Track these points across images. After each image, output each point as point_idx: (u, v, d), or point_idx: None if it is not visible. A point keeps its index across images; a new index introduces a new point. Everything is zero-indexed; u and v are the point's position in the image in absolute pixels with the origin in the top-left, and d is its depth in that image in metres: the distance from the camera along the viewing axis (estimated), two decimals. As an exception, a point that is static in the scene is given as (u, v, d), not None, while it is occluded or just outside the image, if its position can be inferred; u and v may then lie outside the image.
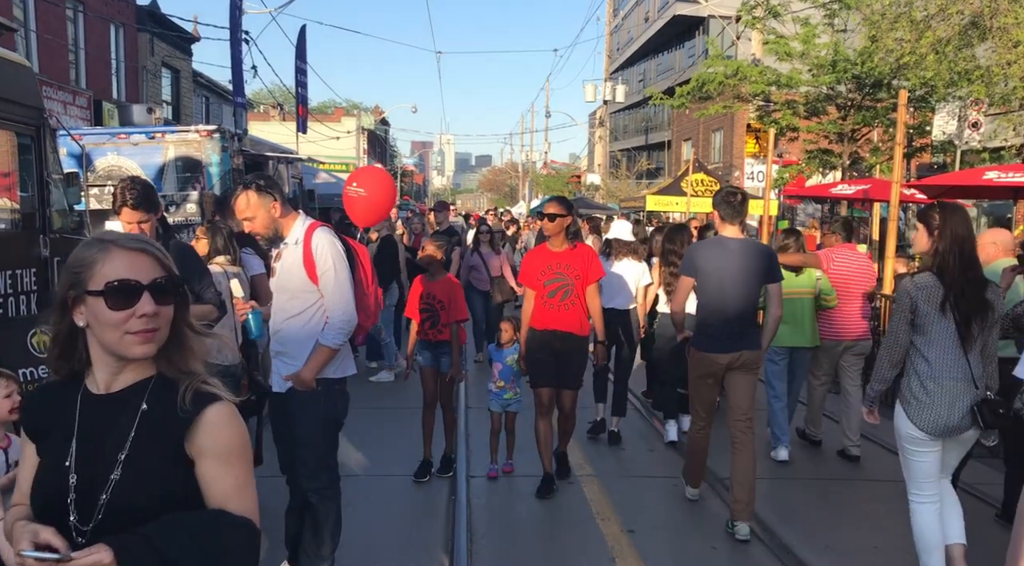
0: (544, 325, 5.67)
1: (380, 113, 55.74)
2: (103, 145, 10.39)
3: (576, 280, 5.63)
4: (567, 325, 5.66)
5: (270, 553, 4.49)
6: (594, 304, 5.72)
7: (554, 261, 5.67)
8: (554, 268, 5.65)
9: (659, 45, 42.17)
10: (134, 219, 4.05)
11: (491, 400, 6.16)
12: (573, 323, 5.67)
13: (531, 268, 5.75)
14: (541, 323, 5.69)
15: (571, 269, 5.63)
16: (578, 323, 5.69)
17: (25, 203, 5.68)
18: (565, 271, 5.63)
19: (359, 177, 4.48)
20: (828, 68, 16.88)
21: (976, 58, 12.97)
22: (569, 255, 5.68)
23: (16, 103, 5.24)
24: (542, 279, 5.66)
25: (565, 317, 5.65)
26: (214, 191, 10.10)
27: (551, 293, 5.64)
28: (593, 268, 5.70)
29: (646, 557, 4.76)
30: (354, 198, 5.95)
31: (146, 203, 4.09)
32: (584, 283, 5.65)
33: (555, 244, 5.71)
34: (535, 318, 5.71)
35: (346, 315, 3.89)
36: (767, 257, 5.18)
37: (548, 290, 5.64)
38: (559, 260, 5.66)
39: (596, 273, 5.71)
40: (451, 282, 6.26)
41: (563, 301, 5.63)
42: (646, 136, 45.37)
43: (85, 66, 18.42)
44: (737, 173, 28.84)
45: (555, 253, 5.70)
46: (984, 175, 10.45)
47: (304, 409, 3.93)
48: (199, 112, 26.58)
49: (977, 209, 22.41)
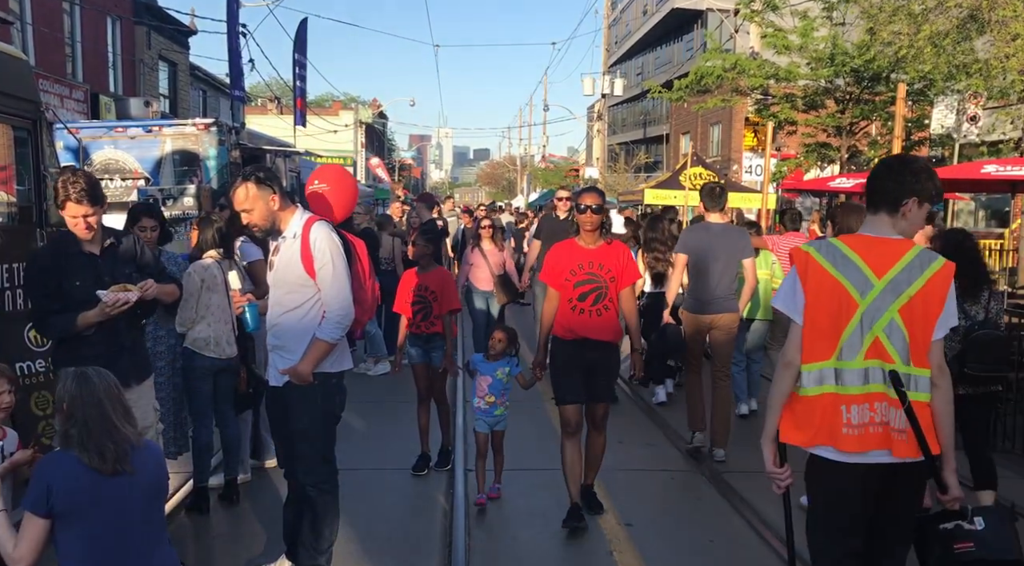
0: (574, 333, 4.99)
1: (378, 106, 55.60)
2: (100, 138, 10.36)
3: (611, 282, 4.98)
4: (601, 332, 5.00)
5: (268, 546, 4.50)
6: (630, 308, 5.11)
7: (586, 259, 4.99)
8: (586, 268, 4.97)
9: (657, 38, 42.14)
10: (79, 213, 3.88)
11: (477, 419, 5.50)
12: (607, 330, 5.03)
13: (557, 266, 5.03)
14: (569, 330, 5.00)
15: (605, 269, 4.98)
16: (612, 330, 5.07)
17: (22, 197, 5.66)
18: (599, 271, 4.97)
19: (320, 175, 4.40)
20: (826, 61, 16.88)
21: (975, 51, 12.95)
22: (604, 253, 5.01)
23: (12, 96, 5.22)
24: (572, 279, 4.98)
25: (598, 324, 4.98)
26: (211, 184, 10.09)
27: (582, 296, 4.96)
28: (630, 269, 5.08)
29: (644, 550, 4.77)
30: (321, 193, 5.40)
31: (91, 196, 3.90)
32: (619, 285, 5.01)
33: (587, 240, 5.04)
34: (561, 324, 5.02)
35: (343, 310, 3.88)
36: (742, 237, 6.40)
37: (578, 292, 4.97)
38: (592, 259, 4.99)
39: (632, 274, 5.10)
40: (443, 273, 6.15)
41: (595, 305, 4.96)
42: (644, 130, 45.35)
43: (82, 59, 18.36)
44: (735, 167, 28.83)
45: (587, 250, 5.02)
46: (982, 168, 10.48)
47: (301, 403, 3.93)
48: (196, 105, 26.52)
49: (975, 203, 22.43)
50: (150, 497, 2.94)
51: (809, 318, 2.87)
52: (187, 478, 5.44)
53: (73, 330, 3.93)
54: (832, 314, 2.84)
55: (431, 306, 5.98)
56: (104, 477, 2.78)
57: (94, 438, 2.80)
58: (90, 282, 3.93)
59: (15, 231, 5.38)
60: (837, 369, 2.84)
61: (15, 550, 2.75)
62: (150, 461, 2.97)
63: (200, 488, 5.20)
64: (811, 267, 2.88)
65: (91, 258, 4.01)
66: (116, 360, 3.86)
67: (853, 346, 2.82)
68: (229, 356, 5.21)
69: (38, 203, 5.49)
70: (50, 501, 2.72)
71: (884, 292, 2.81)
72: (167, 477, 3.13)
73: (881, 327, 2.81)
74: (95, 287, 3.90)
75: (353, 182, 4.72)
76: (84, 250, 4.00)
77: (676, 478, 5.97)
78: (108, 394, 2.90)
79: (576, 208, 5.10)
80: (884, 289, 2.81)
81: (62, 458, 2.81)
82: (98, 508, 2.77)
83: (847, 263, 2.85)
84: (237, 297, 5.19)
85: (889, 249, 2.86)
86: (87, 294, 3.89)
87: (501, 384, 5.44)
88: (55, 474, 2.77)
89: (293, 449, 4.04)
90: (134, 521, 2.85)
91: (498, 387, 5.45)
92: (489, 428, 5.46)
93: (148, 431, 4.23)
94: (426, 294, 5.99)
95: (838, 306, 2.84)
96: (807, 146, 19.19)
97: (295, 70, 22.32)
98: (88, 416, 2.82)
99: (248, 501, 5.40)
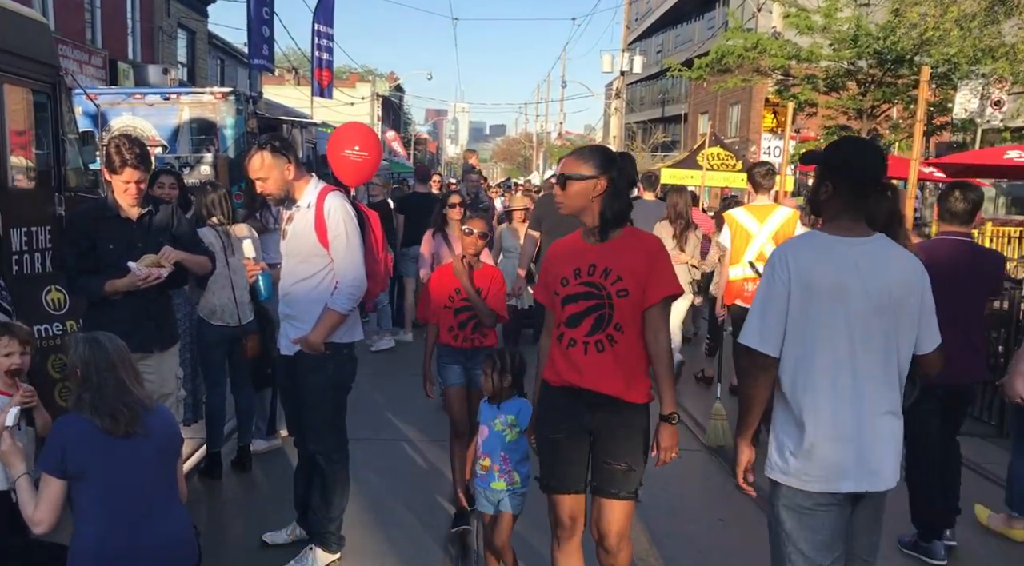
0: (560, 376, 3.21)
1: (395, 79, 55.44)
2: (118, 105, 10.40)
3: (620, 297, 3.09)
4: (601, 380, 3.12)
5: (280, 514, 4.54)
6: (660, 344, 3.14)
7: (585, 261, 3.18)
8: (583, 274, 3.16)
9: (678, 16, 41.68)
10: (133, 178, 3.97)
11: (476, 492, 3.87)
12: (611, 376, 3.12)
13: (549, 273, 3.34)
14: (556, 373, 3.24)
15: (614, 277, 3.11)
16: (623, 378, 3.12)
17: (40, 161, 5.68)
18: (602, 280, 3.13)
19: (359, 140, 4.37)
20: (849, 43, 16.67)
21: (1001, 35, 12.76)
22: (616, 251, 3.16)
23: (32, 60, 5.23)
24: (561, 293, 3.21)
25: (596, 365, 3.13)
26: (228, 153, 10.11)
27: (572, 319, 3.17)
28: (660, 276, 3.12)
29: (654, 532, 4.79)
30: (358, 162, 4.92)
31: (146, 162, 4.02)
32: (637, 302, 3.10)
33: (590, 232, 3.24)
34: (549, 362, 3.30)
35: (356, 280, 3.89)
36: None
37: (567, 313, 3.18)
38: (594, 260, 3.17)
39: (664, 284, 3.13)
40: (493, 271, 4.77)
41: (593, 335, 3.13)
42: (662, 108, 44.97)
43: (101, 25, 18.34)
44: (754, 148, 28.59)
45: (589, 248, 3.22)
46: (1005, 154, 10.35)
47: (313, 373, 3.95)
48: (214, 74, 26.48)
49: (996, 189, 22.18)
50: (163, 459, 2.97)
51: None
52: (201, 443, 5.49)
53: (100, 294, 4.00)
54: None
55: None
56: (116, 439, 2.82)
57: (107, 401, 2.84)
58: (123, 247, 4.02)
59: (33, 195, 5.41)
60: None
61: (34, 513, 2.79)
62: (162, 424, 3.00)
63: (213, 454, 5.25)
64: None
65: (127, 223, 4.09)
66: (142, 326, 4.04)
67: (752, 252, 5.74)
68: (240, 324, 5.20)
69: (56, 168, 5.52)
70: (64, 463, 2.76)
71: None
72: (180, 440, 3.16)
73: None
74: (128, 251, 3.99)
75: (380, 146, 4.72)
76: (121, 215, 4.09)
77: (684, 457, 5.96)
78: (120, 358, 2.95)
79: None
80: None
81: (75, 420, 2.85)
82: (111, 470, 2.81)
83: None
84: (251, 266, 5.20)
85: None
86: (119, 258, 3.98)
87: (501, 440, 3.71)
88: (69, 436, 2.81)
89: (303, 418, 4.07)
90: (147, 482, 2.88)
91: (496, 444, 3.72)
92: (494, 508, 3.76)
93: (169, 397, 4.34)
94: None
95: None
96: (827, 128, 19.01)
97: (314, 40, 22.21)
98: (102, 380, 2.87)
99: (260, 468, 5.45)
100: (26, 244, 4.85)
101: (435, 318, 4.66)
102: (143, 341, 4.05)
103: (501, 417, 3.74)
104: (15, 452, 3.02)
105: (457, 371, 4.66)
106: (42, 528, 2.81)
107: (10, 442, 3.04)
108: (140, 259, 3.98)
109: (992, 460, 6.02)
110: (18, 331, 3.39)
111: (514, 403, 3.77)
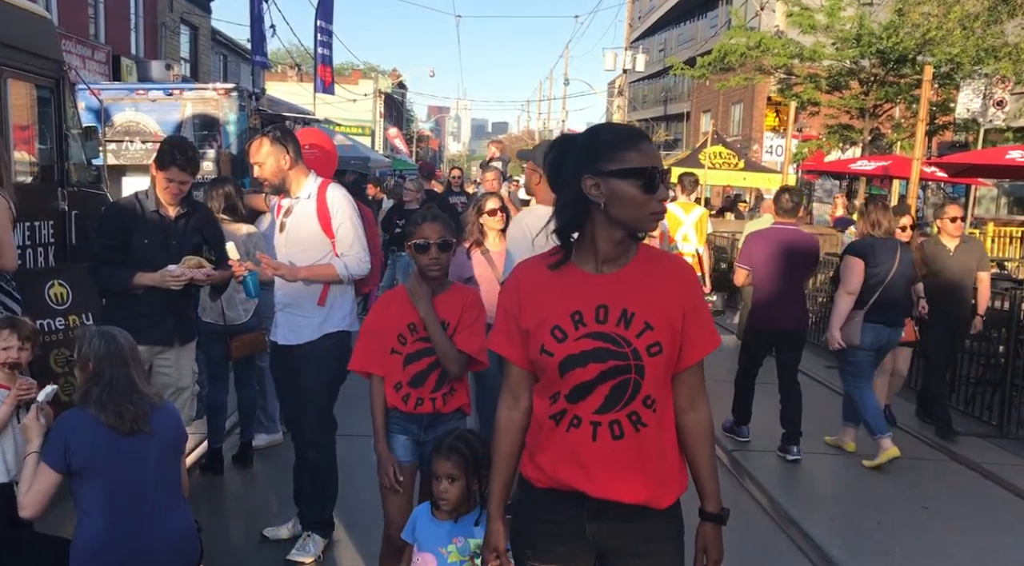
0: (551, 476, 2.13)
1: (397, 76, 55.35)
2: (121, 101, 10.41)
3: (652, 355, 2.05)
4: (620, 484, 2.08)
5: (280, 509, 4.56)
6: (702, 417, 2.19)
7: (588, 300, 2.09)
8: (589, 321, 2.07)
9: (681, 14, 41.63)
10: (178, 178, 4.14)
11: None
12: (636, 477, 2.09)
13: (524, 314, 2.16)
14: (543, 469, 2.15)
15: (637, 324, 2.05)
16: (654, 477, 2.11)
17: (43, 156, 5.70)
18: (620, 331, 2.05)
19: (305, 137, 4.59)
20: (852, 42, 16.66)
21: (1004, 35, 12.75)
22: (628, 283, 2.10)
23: (36, 55, 5.24)
24: (560, 349, 2.07)
25: (614, 459, 2.08)
26: (230, 150, 10.12)
27: (578, 391, 2.07)
28: (701, 318, 2.15)
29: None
30: (319, 157, 4.70)
31: (194, 166, 4.23)
32: (671, 362, 2.11)
33: (606, 250, 2.09)
34: (534, 453, 2.19)
35: (362, 255, 3.95)
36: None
37: (570, 382, 2.07)
38: (602, 297, 2.08)
39: (709, 333, 2.16)
40: (467, 296, 3.29)
41: (606, 413, 2.06)
42: (665, 106, 44.95)
43: (104, 21, 18.35)
44: (756, 147, 28.58)
45: (591, 279, 2.11)
46: (1007, 154, 10.34)
47: (319, 361, 3.97)
48: (217, 71, 26.49)
49: (998, 189, 22.17)
50: (167, 457, 2.98)
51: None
52: (202, 439, 5.51)
53: (125, 286, 4.11)
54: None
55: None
56: (121, 435, 2.82)
57: (116, 398, 2.84)
58: (158, 242, 4.16)
59: (37, 190, 5.42)
60: None
61: (24, 496, 2.82)
62: (167, 421, 3.01)
63: (215, 449, 5.27)
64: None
65: (164, 220, 4.22)
66: (164, 320, 4.18)
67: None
68: (227, 322, 5.19)
69: (60, 162, 5.54)
70: (67, 458, 2.77)
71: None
72: (184, 437, 3.17)
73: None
74: (162, 247, 4.15)
75: (334, 147, 4.89)
76: (161, 211, 4.22)
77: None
78: (132, 354, 2.97)
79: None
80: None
81: (80, 416, 2.85)
82: (115, 466, 2.82)
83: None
84: (235, 267, 5.17)
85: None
86: (150, 253, 4.11)
87: None
88: (72, 432, 2.82)
89: (300, 408, 4.09)
90: (150, 479, 2.89)
91: None
92: None
93: (185, 392, 4.41)
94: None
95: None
96: (829, 127, 19.01)
97: (316, 37, 22.23)
98: (114, 376, 2.87)
99: (261, 463, 5.46)
100: (29, 239, 4.87)
101: (379, 368, 3.23)
102: (164, 335, 4.20)
103: (459, 541, 2.61)
104: (36, 428, 3.03)
105: (404, 443, 3.25)
106: (27, 513, 2.83)
107: (35, 416, 3.06)
108: (183, 261, 4.13)
109: (992, 460, 6.03)
110: (21, 327, 3.39)
111: (471, 520, 2.66)
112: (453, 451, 2.71)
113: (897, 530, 4.81)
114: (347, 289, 4.05)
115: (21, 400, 3.26)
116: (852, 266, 5.72)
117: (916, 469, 5.80)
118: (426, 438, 3.19)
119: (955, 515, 5.07)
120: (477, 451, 2.71)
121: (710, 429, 2.21)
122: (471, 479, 2.68)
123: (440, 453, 2.74)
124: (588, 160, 2.04)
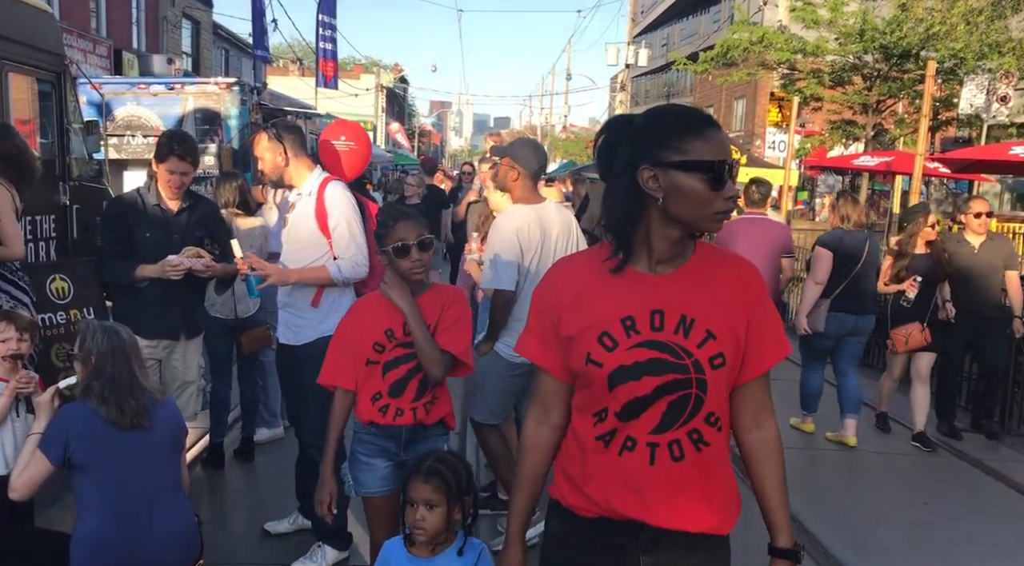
0: (601, 503, 1.85)
1: (399, 71, 55.36)
2: (123, 95, 10.41)
3: (715, 367, 1.80)
4: (684, 511, 1.84)
5: (281, 504, 4.56)
6: (769, 435, 1.96)
7: (641, 303, 1.81)
8: (643, 327, 1.80)
9: (684, 9, 41.54)
10: (179, 169, 4.16)
11: None
12: (699, 504, 1.86)
13: (565, 317, 1.88)
14: (589, 495, 1.87)
15: (698, 331, 1.79)
16: (719, 503, 1.89)
17: (45, 150, 5.70)
18: (679, 339, 1.79)
19: (344, 131, 4.39)
20: (855, 37, 16.61)
21: (1008, 30, 12.71)
22: (686, 285, 1.84)
23: (37, 49, 5.24)
24: (607, 362, 1.80)
25: (675, 483, 1.83)
26: (232, 144, 10.11)
27: (631, 407, 1.80)
28: (770, 323, 1.89)
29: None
30: (345, 151, 4.49)
31: (194, 156, 4.24)
32: (734, 374, 1.86)
33: (661, 249, 1.83)
34: (571, 476, 1.92)
35: (358, 257, 3.86)
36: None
37: (621, 398, 1.80)
38: (657, 301, 1.81)
39: (778, 339, 1.91)
40: (452, 296, 3.01)
41: (665, 433, 1.81)
42: (668, 101, 44.88)
43: (106, 15, 18.33)
44: (759, 142, 28.54)
45: (643, 279, 1.83)
46: (1010, 150, 10.32)
47: (316, 364, 3.93)
48: (219, 65, 26.47)
49: (1001, 185, 22.13)
50: (167, 452, 2.97)
51: None
52: (204, 433, 5.51)
53: (129, 278, 4.15)
54: None
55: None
56: (121, 430, 2.82)
57: (117, 393, 2.84)
58: (160, 236, 4.18)
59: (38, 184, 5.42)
60: None
61: (17, 478, 2.82)
62: (168, 417, 3.00)
63: (216, 444, 5.27)
64: None
65: (167, 213, 4.25)
66: (171, 312, 4.22)
67: None
68: (239, 316, 5.19)
69: (61, 156, 5.53)
70: (67, 453, 2.77)
71: None
72: (185, 433, 3.16)
73: None
74: (165, 241, 4.17)
75: (371, 144, 4.77)
76: (163, 205, 4.24)
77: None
78: (135, 350, 2.97)
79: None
80: None
81: (80, 410, 2.85)
82: (115, 460, 2.81)
83: None
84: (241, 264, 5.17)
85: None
86: (154, 247, 4.14)
87: None
88: (73, 426, 2.81)
89: (302, 406, 4.08)
90: (150, 475, 2.88)
91: None
92: None
93: (191, 386, 4.45)
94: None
95: None
96: (832, 123, 18.96)
97: (318, 31, 22.22)
98: (117, 372, 2.87)
99: (262, 458, 5.46)
100: (30, 233, 4.86)
101: (346, 381, 2.96)
102: (171, 327, 4.25)
103: None
104: (48, 410, 3.02)
105: (383, 470, 2.94)
106: (15, 495, 2.83)
107: (49, 399, 3.04)
108: (182, 251, 4.14)
109: (993, 457, 6.03)
110: (18, 319, 3.38)
111: (471, 547, 2.37)
112: (433, 474, 2.36)
113: (898, 527, 4.81)
114: (345, 291, 3.97)
115: (20, 393, 3.25)
116: (821, 257, 5.97)
117: (918, 465, 5.80)
118: (406, 457, 2.87)
119: (956, 512, 5.06)
120: (460, 475, 2.41)
121: (779, 449, 1.95)
122: (452, 506, 2.36)
123: (418, 476, 2.38)
124: (647, 148, 1.76)
